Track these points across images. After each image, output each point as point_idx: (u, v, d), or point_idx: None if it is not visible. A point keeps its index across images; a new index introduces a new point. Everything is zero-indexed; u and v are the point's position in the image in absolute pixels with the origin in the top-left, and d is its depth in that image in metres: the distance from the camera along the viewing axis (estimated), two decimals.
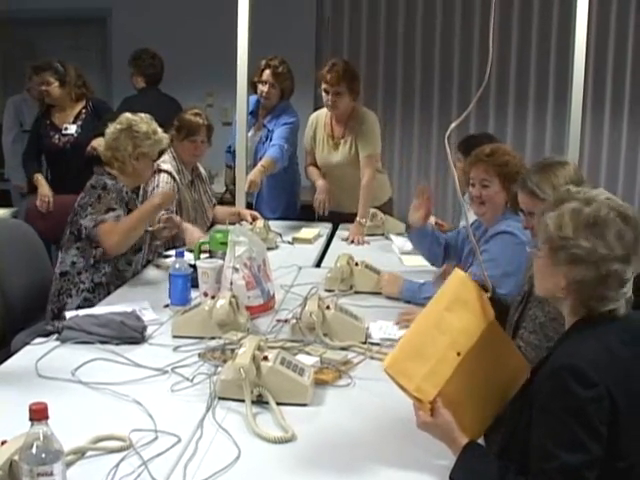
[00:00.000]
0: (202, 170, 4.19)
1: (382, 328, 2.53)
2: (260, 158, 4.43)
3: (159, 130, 3.30)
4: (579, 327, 1.65)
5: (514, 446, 1.66)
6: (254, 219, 4.02)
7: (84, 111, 4.80)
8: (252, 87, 4.48)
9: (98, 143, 4.44)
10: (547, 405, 1.53)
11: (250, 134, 4.47)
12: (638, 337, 1.64)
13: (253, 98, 4.54)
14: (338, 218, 4.44)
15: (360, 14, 6.57)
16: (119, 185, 3.16)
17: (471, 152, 3.09)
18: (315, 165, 4.54)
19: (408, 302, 2.89)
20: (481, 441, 1.76)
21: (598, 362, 1.52)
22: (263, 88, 4.49)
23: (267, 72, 4.47)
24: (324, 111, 4.47)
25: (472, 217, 3.08)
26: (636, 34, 6.38)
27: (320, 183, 4.42)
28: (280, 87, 4.52)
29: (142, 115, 3.31)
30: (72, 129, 4.77)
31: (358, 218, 4.17)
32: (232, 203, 4.46)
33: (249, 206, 4.39)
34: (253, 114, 4.57)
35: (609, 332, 1.61)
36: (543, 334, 2.18)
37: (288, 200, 4.75)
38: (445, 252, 3.29)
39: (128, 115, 3.29)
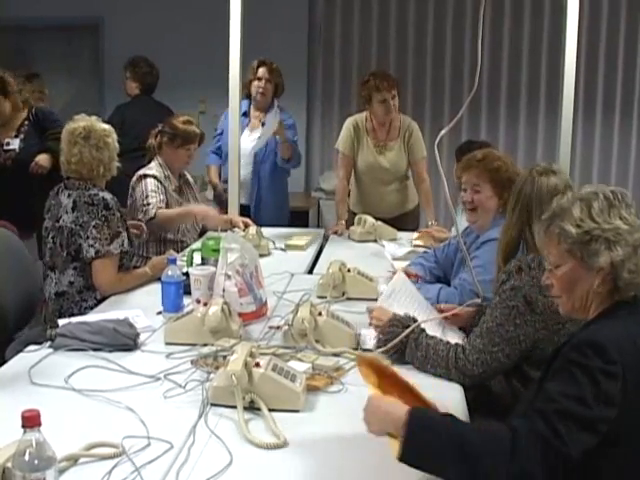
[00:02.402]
0: (189, 176, 4.20)
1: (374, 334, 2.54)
2: (257, 158, 4.57)
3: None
4: (602, 316, 1.67)
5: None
6: (246, 226, 4.03)
7: (27, 123, 4.39)
8: (246, 88, 4.59)
9: (44, 159, 4.25)
10: (562, 367, 1.55)
11: (245, 134, 4.54)
12: None
13: (244, 102, 4.60)
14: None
15: (352, 21, 6.61)
16: (116, 200, 3.09)
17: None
18: (349, 175, 4.63)
19: None
20: None
21: (619, 343, 1.54)
22: (260, 84, 4.61)
23: (262, 69, 4.61)
24: (362, 116, 4.60)
25: (465, 223, 3.10)
26: (626, 37, 6.44)
27: (342, 222, 4.54)
28: (274, 82, 4.65)
29: (93, 119, 3.19)
30: (15, 144, 4.36)
31: (430, 221, 4.43)
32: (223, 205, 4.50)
33: (241, 213, 4.41)
34: (245, 114, 4.65)
35: (633, 320, 1.63)
36: (489, 339, 2.20)
37: (280, 208, 4.84)
38: (439, 268, 3.29)
39: (87, 125, 3.12)
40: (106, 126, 3.19)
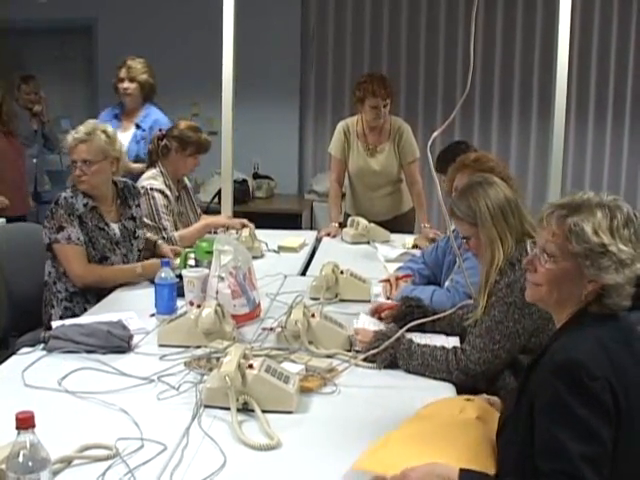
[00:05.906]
0: (187, 182, 4.19)
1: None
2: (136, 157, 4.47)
3: None
4: (572, 326, 1.64)
5: (509, 448, 1.64)
6: (243, 226, 4.03)
7: None
8: (115, 91, 4.65)
9: None
10: (560, 400, 1.49)
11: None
12: (630, 337, 1.64)
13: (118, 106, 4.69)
14: None
15: (345, 25, 6.62)
16: (71, 200, 3.10)
17: (445, 163, 3.13)
18: (341, 178, 4.65)
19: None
20: None
21: (596, 356, 1.52)
22: (122, 85, 4.61)
23: (123, 70, 4.63)
24: (353, 120, 4.62)
25: None
26: (618, 38, 6.46)
27: (334, 224, 4.55)
28: (137, 81, 4.61)
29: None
30: None
31: (423, 224, 4.41)
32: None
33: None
34: (117, 117, 4.66)
35: (602, 330, 1.61)
36: (489, 337, 2.24)
37: None
38: (427, 269, 3.31)
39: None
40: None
